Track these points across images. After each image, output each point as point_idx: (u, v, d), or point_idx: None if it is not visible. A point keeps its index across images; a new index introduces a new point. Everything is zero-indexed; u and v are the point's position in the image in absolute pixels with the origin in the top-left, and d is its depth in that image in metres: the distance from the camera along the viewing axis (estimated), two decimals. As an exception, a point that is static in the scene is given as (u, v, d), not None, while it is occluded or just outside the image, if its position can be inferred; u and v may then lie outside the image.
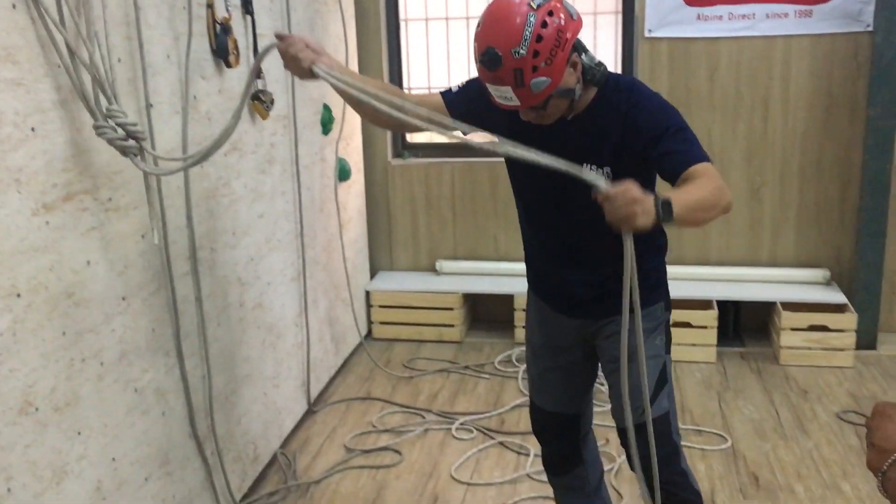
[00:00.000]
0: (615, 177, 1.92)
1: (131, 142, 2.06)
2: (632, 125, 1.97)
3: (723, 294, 4.25)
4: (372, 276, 4.70)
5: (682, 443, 3.40)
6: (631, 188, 1.66)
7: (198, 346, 2.65)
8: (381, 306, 4.53)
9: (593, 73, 1.96)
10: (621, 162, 1.99)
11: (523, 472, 3.18)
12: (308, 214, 3.63)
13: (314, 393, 3.76)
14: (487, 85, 1.91)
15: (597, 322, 2.23)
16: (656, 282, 2.21)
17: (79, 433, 2.03)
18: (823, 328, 4.05)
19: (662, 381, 2.17)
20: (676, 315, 4.07)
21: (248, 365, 3.03)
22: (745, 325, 4.44)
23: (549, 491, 3.05)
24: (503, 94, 1.89)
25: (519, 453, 3.34)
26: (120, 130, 2.04)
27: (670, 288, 2.28)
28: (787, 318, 4.06)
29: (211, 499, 2.72)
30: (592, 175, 1.72)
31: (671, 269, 2.22)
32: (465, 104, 2.13)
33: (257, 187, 3.11)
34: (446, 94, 2.19)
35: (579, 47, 1.94)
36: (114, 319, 2.18)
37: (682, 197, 1.75)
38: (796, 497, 2.98)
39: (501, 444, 3.41)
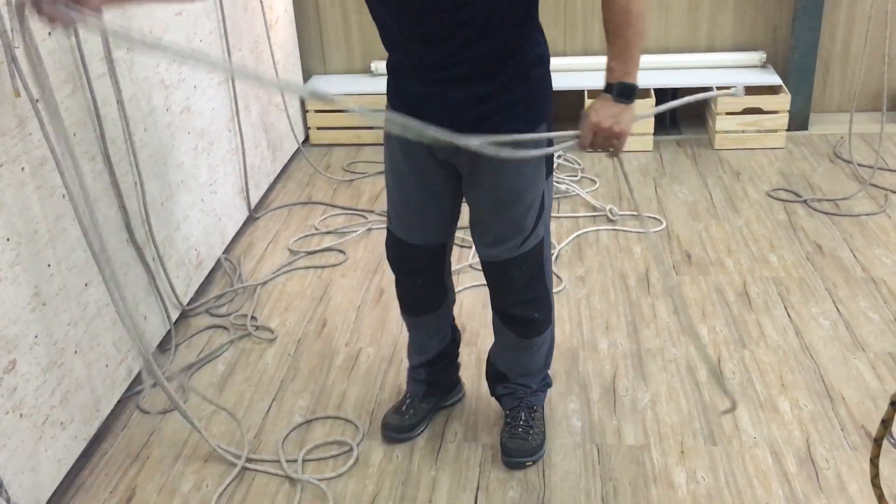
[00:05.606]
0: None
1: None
2: None
3: (660, 82, 4.22)
4: (305, 80, 4.55)
5: (619, 227, 3.51)
6: (594, 124, 1.76)
7: (125, 152, 2.58)
8: (316, 111, 4.43)
9: None
10: None
11: (466, 264, 3.26)
12: (230, 13, 3.44)
13: (254, 199, 3.74)
14: None
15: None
16: (542, 98, 1.97)
17: (7, 239, 1.99)
18: (758, 111, 4.08)
19: (540, 210, 2.06)
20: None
21: (181, 171, 2.97)
22: (681, 112, 4.46)
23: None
24: None
25: (461, 247, 3.40)
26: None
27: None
28: (722, 103, 4.08)
29: (156, 303, 2.75)
30: (566, 144, 1.81)
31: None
32: None
33: (171, -18, 2.91)
34: None
35: None
36: (28, 123, 2.08)
37: (624, 65, 1.76)
38: (726, 270, 3.12)
39: (444, 238, 3.46)
